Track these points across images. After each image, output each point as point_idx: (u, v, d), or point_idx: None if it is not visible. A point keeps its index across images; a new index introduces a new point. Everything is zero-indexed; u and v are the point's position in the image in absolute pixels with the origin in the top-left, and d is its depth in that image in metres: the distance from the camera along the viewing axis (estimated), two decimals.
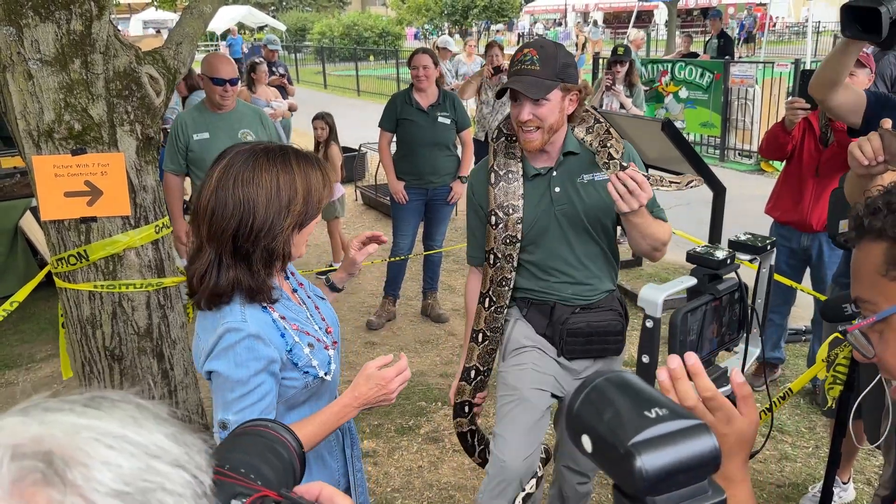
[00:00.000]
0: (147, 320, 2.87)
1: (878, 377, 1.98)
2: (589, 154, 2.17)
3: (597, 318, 2.23)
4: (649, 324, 1.29)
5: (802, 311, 4.55)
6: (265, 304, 1.52)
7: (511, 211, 2.15)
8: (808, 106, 3.41)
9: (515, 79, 2.03)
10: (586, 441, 0.70)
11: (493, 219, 2.17)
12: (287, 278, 1.70)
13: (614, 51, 6.34)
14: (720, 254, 1.38)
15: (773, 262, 1.57)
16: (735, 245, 1.51)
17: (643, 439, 0.65)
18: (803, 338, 4.50)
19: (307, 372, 1.57)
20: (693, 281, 1.38)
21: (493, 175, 2.16)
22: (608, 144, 2.10)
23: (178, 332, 3.01)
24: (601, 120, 2.20)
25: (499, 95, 2.22)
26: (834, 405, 2.26)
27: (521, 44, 7.07)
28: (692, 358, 0.89)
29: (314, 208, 1.50)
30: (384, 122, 4.89)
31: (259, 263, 1.47)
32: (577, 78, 2.11)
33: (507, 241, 2.19)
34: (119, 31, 2.69)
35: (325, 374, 1.60)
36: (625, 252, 6.34)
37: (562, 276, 2.20)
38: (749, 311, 1.44)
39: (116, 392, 0.57)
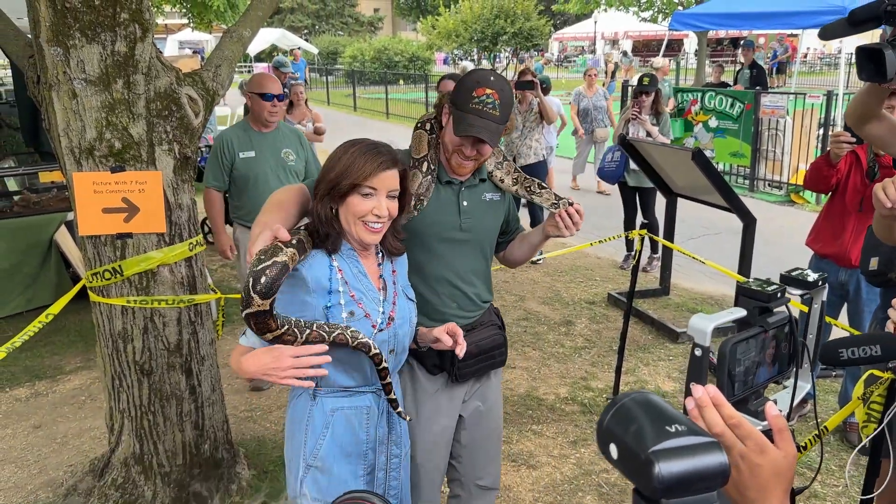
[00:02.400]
0: (177, 336, 2.90)
1: None
2: (489, 183, 2.31)
3: (482, 337, 2.29)
4: (698, 352, 1.30)
5: None
6: (334, 264, 1.82)
7: (417, 204, 2.14)
8: (854, 140, 3.37)
9: (478, 122, 2.01)
10: (613, 449, 0.81)
11: None
12: (380, 265, 1.95)
13: (640, 81, 6.36)
14: (771, 287, 1.38)
15: (824, 298, 1.55)
16: (786, 280, 1.51)
17: (662, 448, 0.75)
18: (833, 373, 4.42)
19: None
20: (742, 312, 1.39)
21: (426, 164, 2.17)
22: (543, 185, 2.29)
23: (207, 348, 3.04)
24: (508, 157, 2.33)
25: (457, 133, 2.08)
26: (868, 444, 2.21)
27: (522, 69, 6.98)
28: (713, 389, 0.93)
29: (346, 184, 1.76)
30: None
31: (314, 215, 1.82)
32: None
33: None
34: (160, 52, 2.76)
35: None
36: (651, 281, 6.30)
37: (449, 289, 2.23)
38: (800, 346, 1.43)
39: None
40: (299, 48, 25.43)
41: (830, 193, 3.70)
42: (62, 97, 2.56)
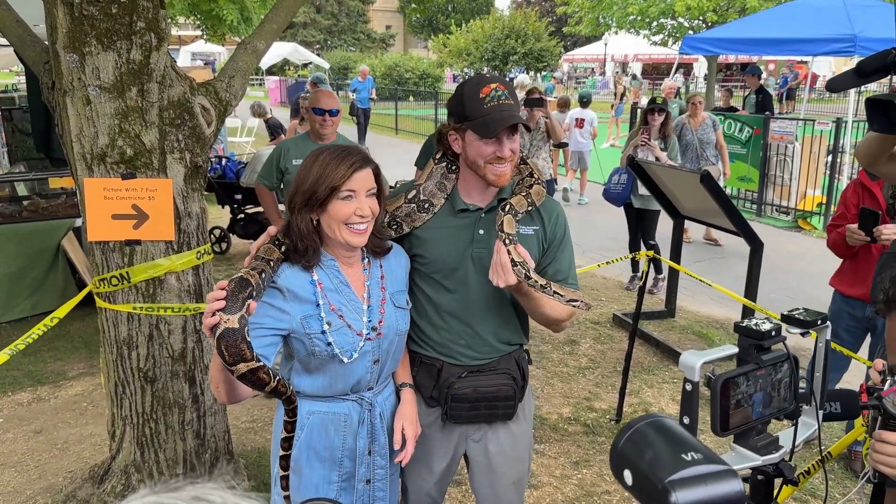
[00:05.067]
0: (182, 344, 2.90)
1: None
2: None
3: (485, 383, 2.08)
4: (688, 387, 1.32)
5: (852, 377, 4.43)
6: (314, 277, 1.82)
7: (393, 224, 2.04)
8: (868, 239, 3.33)
9: (504, 113, 1.89)
10: (627, 475, 0.81)
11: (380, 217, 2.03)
12: (365, 271, 1.93)
13: (652, 100, 6.39)
14: (765, 325, 1.39)
15: (828, 337, 1.56)
16: (788, 319, 1.51)
17: (678, 478, 0.76)
18: None
19: (313, 340, 1.80)
20: (734, 349, 1.40)
21: (414, 192, 2.03)
22: (518, 212, 1.96)
23: (211, 357, 3.04)
24: (535, 174, 2.08)
25: (489, 134, 1.90)
26: (870, 471, 2.19)
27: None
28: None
29: (323, 191, 1.76)
30: (420, 162, 4.97)
31: (292, 230, 1.80)
32: None
33: None
34: (175, 62, 2.79)
35: (345, 356, 1.83)
36: (656, 303, 6.28)
37: (458, 325, 2.07)
38: (799, 384, 1.44)
39: (209, 485, 0.65)
40: (309, 65, 25.63)
41: None
42: (76, 103, 2.58)
